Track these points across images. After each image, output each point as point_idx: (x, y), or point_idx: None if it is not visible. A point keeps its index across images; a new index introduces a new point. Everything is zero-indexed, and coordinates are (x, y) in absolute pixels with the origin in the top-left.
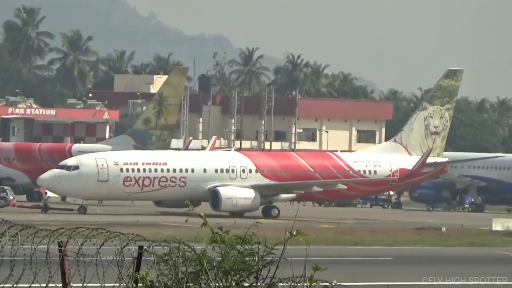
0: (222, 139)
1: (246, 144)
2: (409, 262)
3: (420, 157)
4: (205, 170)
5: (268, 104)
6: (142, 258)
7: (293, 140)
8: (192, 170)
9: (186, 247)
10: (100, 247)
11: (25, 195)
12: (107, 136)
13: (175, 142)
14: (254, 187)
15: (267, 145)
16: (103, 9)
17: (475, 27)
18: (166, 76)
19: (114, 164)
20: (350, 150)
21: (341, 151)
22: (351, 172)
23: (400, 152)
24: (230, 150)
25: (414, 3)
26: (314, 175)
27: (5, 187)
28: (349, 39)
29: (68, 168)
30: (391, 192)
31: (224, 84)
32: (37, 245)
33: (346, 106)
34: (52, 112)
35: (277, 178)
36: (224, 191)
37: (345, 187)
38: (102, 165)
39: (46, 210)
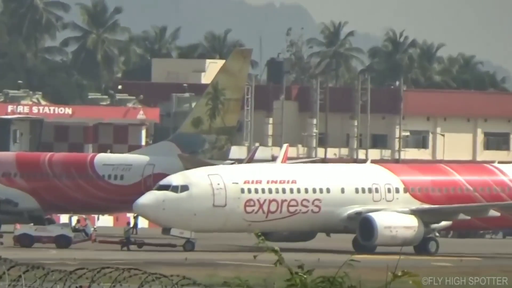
0: (299, 146)
1: (333, 152)
2: None
3: None
4: (343, 190)
5: (363, 99)
6: None
7: (396, 147)
8: (328, 190)
9: None
10: None
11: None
12: (143, 143)
13: (236, 150)
14: (415, 212)
15: (361, 154)
16: None
17: None
18: (223, 61)
19: (233, 183)
20: (474, 160)
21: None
22: None
23: None
24: (310, 160)
25: None
26: (473, 195)
27: (84, 216)
28: (469, 10)
29: (175, 189)
30: None
31: (302, 71)
32: None
33: (469, 101)
34: (68, 110)
35: (430, 199)
36: (379, 219)
37: None
38: (218, 184)
39: (129, 245)
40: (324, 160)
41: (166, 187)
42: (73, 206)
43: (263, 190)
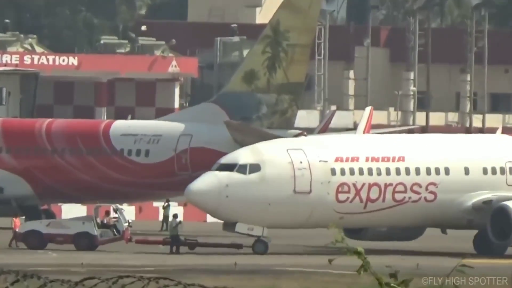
0: (391, 109)
1: (437, 118)
2: None
3: None
4: (466, 171)
5: (478, 45)
6: None
7: None
8: (446, 171)
9: None
10: None
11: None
12: (176, 105)
13: (303, 116)
14: None
15: (476, 120)
16: None
17: None
18: None
19: (321, 161)
20: None
21: None
22: None
23: None
24: (406, 129)
25: None
26: None
27: (114, 206)
28: None
29: (242, 169)
30: None
31: (395, 6)
32: None
33: None
34: (73, 61)
35: None
36: None
37: None
38: (301, 162)
39: (179, 245)
40: (424, 129)
41: (230, 167)
42: (80, 193)
43: (360, 171)
